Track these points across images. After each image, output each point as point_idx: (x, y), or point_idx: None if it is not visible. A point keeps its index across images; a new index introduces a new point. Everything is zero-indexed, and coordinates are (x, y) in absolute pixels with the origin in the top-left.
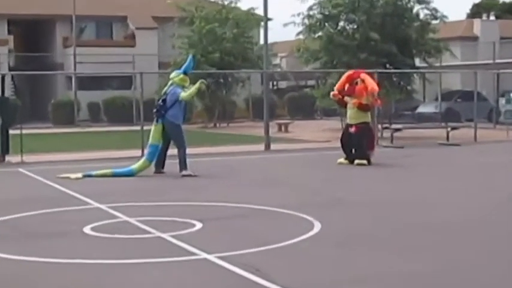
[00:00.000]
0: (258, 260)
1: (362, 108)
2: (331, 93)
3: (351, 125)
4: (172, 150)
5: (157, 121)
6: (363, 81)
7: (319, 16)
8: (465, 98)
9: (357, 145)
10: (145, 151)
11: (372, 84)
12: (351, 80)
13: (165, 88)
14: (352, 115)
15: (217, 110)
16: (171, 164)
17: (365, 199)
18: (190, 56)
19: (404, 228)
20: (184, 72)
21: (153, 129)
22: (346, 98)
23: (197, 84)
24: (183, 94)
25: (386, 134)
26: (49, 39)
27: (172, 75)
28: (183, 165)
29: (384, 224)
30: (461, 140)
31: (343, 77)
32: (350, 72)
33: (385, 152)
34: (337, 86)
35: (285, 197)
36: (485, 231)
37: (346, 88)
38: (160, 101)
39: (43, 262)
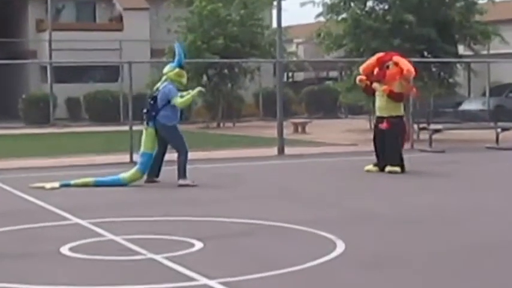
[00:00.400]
0: (269, 286)
1: (394, 97)
2: (358, 77)
3: (382, 119)
4: (170, 155)
5: (147, 124)
6: (396, 64)
7: None
8: None
9: (390, 146)
10: (138, 160)
11: (407, 65)
12: (382, 63)
13: (158, 84)
14: (382, 105)
15: (221, 107)
16: (167, 171)
17: (398, 214)
18: (176, 45)
19: (445, 251)
20: (180, 65)
21: (145, 135)
22: (375, 85)
23: (194, 92)
24: (178, 100)
25: (424, 135)
26: (19, 21)
27: (165, 69)
28: (181, 173)
29: (421, 245)
30: None
31: (373, 59)
32: (381, 54)
33: (422, 157)
34: (363, 67)
35: (301, 211)
36: None
37: (375, 72)
38: (151, 100)
39: None
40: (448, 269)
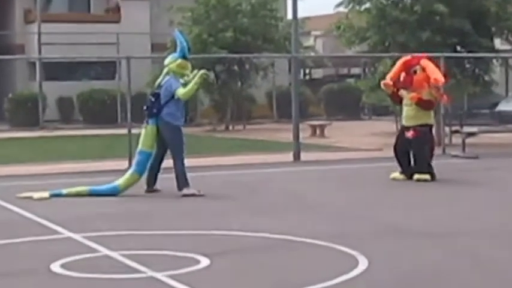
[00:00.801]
0: None
1: (423, 105)
2: (382, 82)
3: (408, 128)
4: (168, 161)
5: (147, 122)
6: (423, 69)
7: None
8: None
9: (417, 154)
10: (133, 160)
11: (435, 73)
12: (408, 68)
13: (160, 79)
14: (409, 114)
15: (230, 108)
16: (167, 180)
17: (427, 228)
18: (176, 33)
19: (480, 269)
20: (183, 56)
21: (144, 132)
22: (402, 92)
23: (196, 78)
24: (181, 91)
25: (456, 139)
26: (5, 12)
27: (167, 61)
28: (182, 181)
29: (453, 262)
30: None
31: (398, 64)
32: (407, 57)
33: (454, 163)
34: (391, 75)
35: (319, 224)
36: None
37: (401, 78)
38: (153, 96)
39: None
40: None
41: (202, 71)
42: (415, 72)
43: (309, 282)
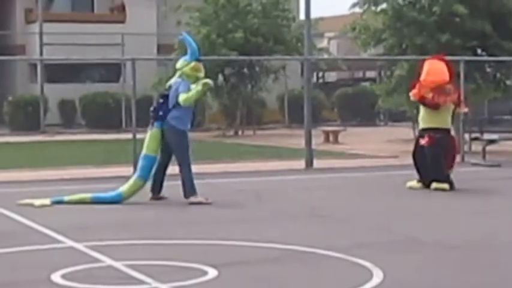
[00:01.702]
0: None
1: (427, 103)
2: (411, 92)
3: (424, 133)
4: (173, 168)
5: (153, 124)
6: (455, 90)
7: None
8: None
9: (433, 163)
10: (138, 165)
11: (425, 73)
12: (440, 87)
13: (171, 81)
14: (424, 116)
15: (239, 112)
16: (173, 187)
17: (445, 240)
18: (184, 36)
19: (501, 284)
20: (196, 58)
21: (149, 136)
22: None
23: (199, 87)
24: (182, 96)
25: (476, 147)
26: (5, 11)
27: (179, 64)
28: (189, 189)
29: (472, 277)
30: None
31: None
32: (436, 67)
33: (474, 172)
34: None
35: (331, 234)
36: None
37: (430, 96)
38: (161, 98)
39: None
40: None
41: (205, 81)
42: (448, 93)
43: None
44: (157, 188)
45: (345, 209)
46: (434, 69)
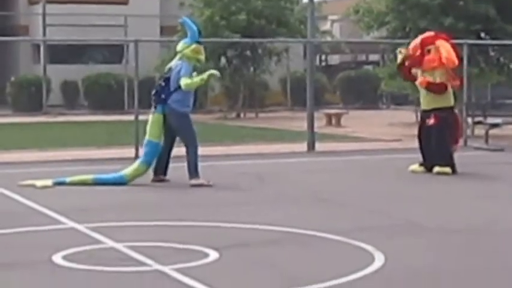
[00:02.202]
0: None
1: (433, 88)
2: (399, 49)
3: (428, 113)
4: (179, 149)
5: (155, 108)
6: (437, 49)
7: None
8: None
9: (438, 144)
10: (141, 151)
11: (447, 52)
12: (424, 46)
13: (171, 63)
14: (426, 97)
15: (241, 95)
16: (176, 169)
17: (447, 224)
18: (184, 20)
19: (503, 268)
20: (196, 41)
21: (151, 121)
22: (415, 71)
23: (205, 76)
24: (184, 80)
25: (479, 131)
26: None
27: (179, 47)
28: (193, 171)
29: (473, 261)
30: None
31: (417, 40)
32: (428, 33)
33: (477, 156)
34: (411, 47)
35: (333, 218)
36: None
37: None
38: (162, 80)
39: None
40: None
41: (211, 71)
42: (428, 51)
43: (321, 279)
44: (160, 169)
45: (347, 192)
46: (453, 52)
